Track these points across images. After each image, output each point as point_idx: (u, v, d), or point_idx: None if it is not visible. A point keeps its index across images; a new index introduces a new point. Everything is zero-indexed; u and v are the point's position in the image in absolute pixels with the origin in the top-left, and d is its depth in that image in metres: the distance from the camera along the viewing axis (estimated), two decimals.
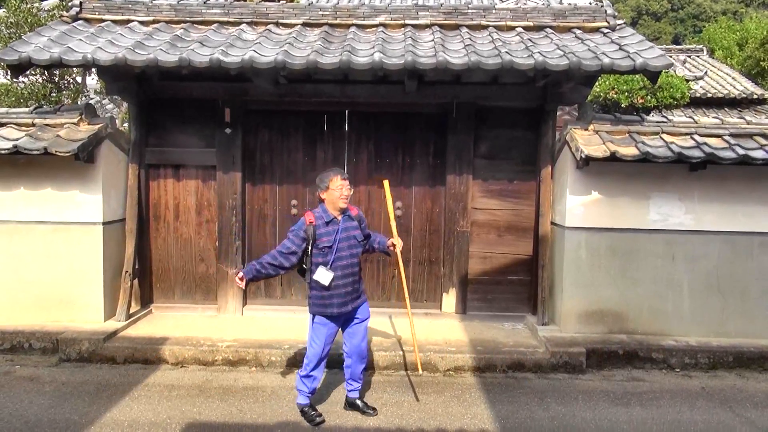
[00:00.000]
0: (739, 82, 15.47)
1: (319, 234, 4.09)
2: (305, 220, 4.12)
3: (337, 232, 4.13)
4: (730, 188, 5.69)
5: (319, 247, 4.09)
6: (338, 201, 4.12)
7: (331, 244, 4.09)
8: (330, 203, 4.15)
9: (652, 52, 5.37)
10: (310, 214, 4.15)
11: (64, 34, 5.70)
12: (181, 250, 6.55)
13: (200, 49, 5.37)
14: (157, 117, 6.42)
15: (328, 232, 4.11)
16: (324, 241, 4.08)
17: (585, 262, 5.77)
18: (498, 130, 6.38)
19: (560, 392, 4.86)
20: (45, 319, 5.78)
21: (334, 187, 4.10)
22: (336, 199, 4.12)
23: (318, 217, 4.13)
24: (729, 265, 5.74)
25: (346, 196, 4.15)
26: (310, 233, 4.07)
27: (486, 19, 6.19)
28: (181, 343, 5.48)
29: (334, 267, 4.10)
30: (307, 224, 4.09)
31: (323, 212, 4.16)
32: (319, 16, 6.24)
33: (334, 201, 4.13)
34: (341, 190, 4.11)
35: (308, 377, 4.25)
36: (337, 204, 4.13)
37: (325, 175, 4.17)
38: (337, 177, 4.12)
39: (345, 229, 4.18)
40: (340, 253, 4.12)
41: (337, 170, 4.19)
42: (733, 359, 5.45)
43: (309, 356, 4.26)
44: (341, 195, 4.12)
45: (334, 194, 4.11)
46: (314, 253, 4.11)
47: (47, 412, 4.30)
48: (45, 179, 5.76)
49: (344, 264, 4.15)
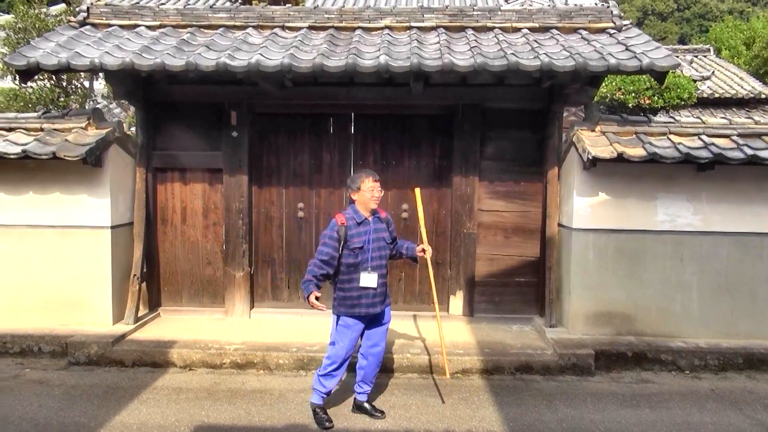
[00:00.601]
0: (746, 81, 15.39)
1: (351, 235, 4.12)
2: (336, 221, 4.15)
3: (368, 233, 4.19)
4: (739, 189, 5.66)
5: (351, 248, 4.12)
6: (370, 202, 4.18)
7: (362, 245, 4.14)
8: (361, 204, 4.21)
9: (658, 53, 5.34)
10: (340, 215, 4.19)
11: (71, 39, 5.73)
12: (188, 253, 6.57)
13: (207, 53, 5.40)
14: (164, 121, 6.45)
15: (359, 233, 4.15)
16: (356, 241, 4.12)
17: (592, 263, 5.75)
18: (504, 131, 6.37)
19: (568, 394, 4.84)
20: (54, 322, 5.81)
21: (365, 188, 4.16)
22: (367, 200, 4.18)
23: (349, 218, 4.17)
24: (738, 265, 5.70)
25: (377, 197, 4.21)
26: (342, 234, 4.11)
27: (491, 21, 6.18)
28: (189, 346, 5.49)
29: (365, 268, 4.16)
30: (339, 225, 4.12)
31: (354, 213, 4.20)
32: (324, 19, 6.25)
33: (365, 202, 4.19)
34: (372, 191, 4.17)
35: (328, 376, 4.25)
36: (369, 205, 4.19)
37: (357, 176, 4.25)
38: (369, 178, 4.18)
39: (375, 230, 4.24)
40: (372, 254, 4.18)
41: (368, 172, 4.25)
42: (743, 361, 5.42)
43: (330, 356, 4.25)
44: (372, 196, 4.18)
45: (366, 195, 4.17)
46: (345, 254, 4.14)
47: (56, 415, 4.32)
48: (53, 183, 5.80)
49: (374, 265, 4.19)
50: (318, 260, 4.12)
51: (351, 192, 4.23)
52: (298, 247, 6.58)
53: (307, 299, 4.07)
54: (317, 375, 4.30)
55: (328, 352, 4.28)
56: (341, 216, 4.19)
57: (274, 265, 6.61)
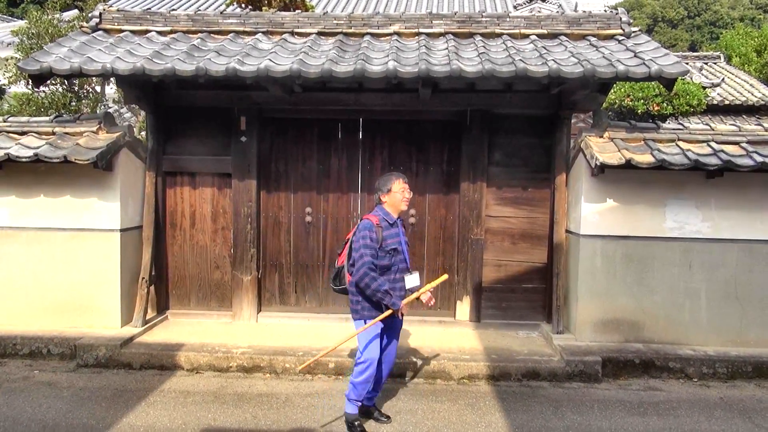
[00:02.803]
0: (757, 88, 15.30)
1: (385, 236, 4.07)
2: (371, 221, 4.07)
3: (400, 234, 4.20)
4: (748, 195, 5.63)
5: (386, 250, 4.05)
6: (401, 203, 4.17)
7: (397, 246, 4.11)
8: (392, 206, 4.18)
9: (667, 59, 5.34)
10: (373, 216, 4.13)
11: (84, 44, 5.81)
12: (196, 257, 6.61)
13: (217, 59, 5.45)
14: (173, 125, 6.50)
15: (391, 234, 4.12)
16: (390, 243, 4.07)
17: (600, 270, 5.73)
18: (512, 137, 6.37)
19: (575, 401, 4.82)
20: (63, 324, 5.86)
21: (397, 189, 4.14)
22: (399, 201, 4.16)
23: (381, 219, 4.12)
24: (747, 273, 5.66)
25: (407, 199, 4.21)
26: (379, 235, 4.04)
27: (500, 27, 6.20)
28: (196, 349, 5.52)
29: (398, 269, 4.14)
30: (375, 225, 4.05)
31: (385, 214, 4.16)
32: (333, 25, 6.30)
33: (396, 203, 4.17)
34: (403, 192, 4.16)
35: (364, 383, 4.10)
36: (400, 206, 4.18)
37: (387, 178, 4.21)
38: (400, 180, 4.17)
39: (403, 232, 4.28)
40: (404, 255, 4.20)
41: (398, 174, 4.23)
42: (753, 369, 5.37)
43: (366, 359, 4.08)
44: (403, 198, 4.16)
45: (397, 197, 4.15)
46: (380, 256, 4.04)
47: (65, 417, 4.35)
48: (64, 187, 5.86)
49: (402, 267, 4.19)
50: (367, 269, 3.95)
51: (381, 194, 4.18)
52: (305, 252, 6.60)
53: (399, 312, 4.05)
54: (351, 383, 4.11)
55: (360, 357, 4.10)
56: (374, 217, 4.11)
57: (281, 269, 6.64)
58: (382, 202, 4.20)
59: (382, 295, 3.95)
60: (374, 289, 3.94)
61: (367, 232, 4.02)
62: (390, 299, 3.96)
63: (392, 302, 3.98)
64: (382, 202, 4.20)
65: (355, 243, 4.05)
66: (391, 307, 3.99)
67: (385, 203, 4.18)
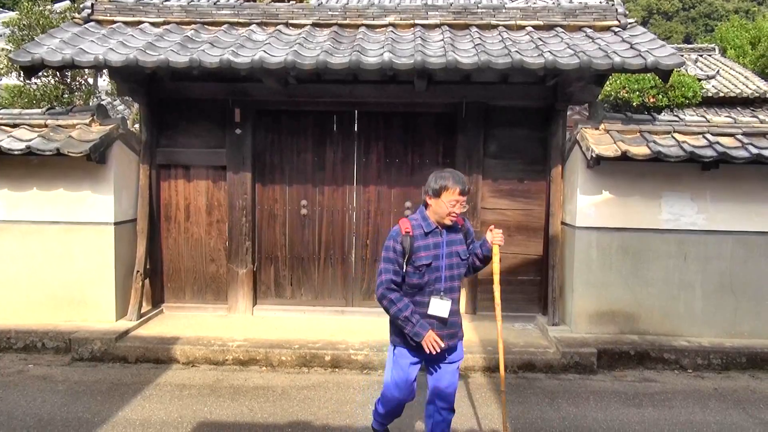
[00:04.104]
0: (751, 81, 15.32)
1: (417, 247, 3.22)
2: (400, 228, 3.26)
3: (440, 246, 3.28)
4: (743, 187, 5.64)
5: (416, 265, 3.21)
6: (445, 218, 3.25)
7: (430, 262, 3.23)
8: (434, 213, 3.29)
9: (663, 51, 5.33)
10: (405, 221, 3.30)
11: (75, 35, 5.75)
12: (191, 250, 6.58)
13: (210, 50, 5.40)
14: (167, 118, 6.46)
15: (426, 245, 3.25)
16: (422, 256, 3.22)
17: (596, 262, 5.74)
18: (508, 129, 6.36)
19: (571, 393, 4.84)
20: (58, 318, 5.83)
21: (446, 199, 3.21)
22: (443, 213, 3.24)
23: (416, 226, 3.27)
24: (742, 265, 5.68)
25: (456, 215, 3.27)
26: (407, 245, 3.20)
27: (496, 19, 6.17)
28: (192, 342, 5.50)
29: (432, 291, 3.26)
30: (402, 234, 3.23)
31: (422, 219, 3.30)
32: (328, 17, 6.25)
33: (440, 213, 3.26)
34: (454, 205, 3.22)
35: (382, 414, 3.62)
36: (443, 219, 3.26)
37: (442, 178, 3.25)
38: (456, 189, 3.20)
39: (449, 243, 3.31)
40: (444, 273, 3.27)
41: (457, 178, 3.24)
42: (747, 360, 5.40)
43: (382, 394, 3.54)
44: (451, 212, 3.23)
45: (443, 207, 3.23)
46: (408, 271, 3.23)
47: (60, 411, 4.33)
48: (57, 180, 5.81)
49: (447, 288, 3.28)
50: (384, 289, 3.21)
51: (427, 194, 3.29)
52: (301, 245, 6.59)
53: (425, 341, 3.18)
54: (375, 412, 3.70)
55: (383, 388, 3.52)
56: (406, 222, 3.28)
57: (277, 262, 6.62)
58: (426, 204, 3.34)
59: (403, 323, 3.21)
60: (393, 314, 3.23)
61: (391, 242, 3.25)
62: (411, 328, 3.18)
63: (414, 332, 3.20)
64: (426, 204, 3.34)
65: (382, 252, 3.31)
66: (414, 338, 3.22)
67: (430, 207, 3.31)
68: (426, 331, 3.18)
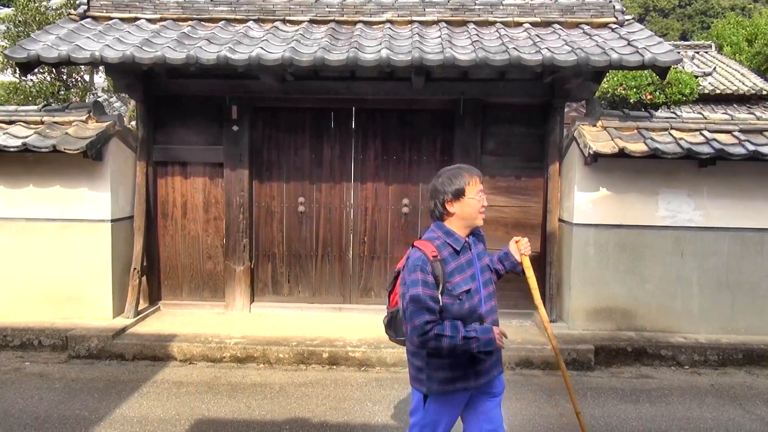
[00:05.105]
0: (748, 78, 15.33)
1: (450, 271, 2.52)
2: (425, 252, 2.50)
3: (473, 264, 2.64)
4: (740, 184, 5.65)
5: (454, 294, 2.51)
6: (478, 217, 2.62)
7: (469, 287, 2.55)
8: (461, 219, 2.60)
9: (660, 48, 5.33)
10: (426, 243, 2.55)
11: (72, 32, 5.72)
12: (189, 248, 6.57)
13: (207, 47, 5.38)
14: (164, 114, 6.43)
15: (460, 267, 2.57)
16: (458, 282, 2.53)
17: (593, 258, 5.75)
18: (505, 126, 6.35)
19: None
20: (54, 316, 5.81)
21: (472, 193, 2.57)
22: (475, 213, 2.60)
23: (441, 246, 2.55)
24: (739, 261, 5.70)
25: (484, 209, 2.67)
26: (440, 273, 2.49)
27: (493, 15, 6.17)
28: (189, 340, 5.50)
29: (477, 318, 2.58)
30: (430, 258, 2.49)
31: (446, 235, 2.59)
32: (325, 13, 6.24)
33: (469, 217, 2.60)
34: (481, 198, 2.61)
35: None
36: (474, 221, 2.63)
37: (456, 175, 2.58)
38: (476, 178, 2.60)
39: (479, 256, 2.71)
40: (483, 293, 2.64)
41: (471, 169, 2.65)
42: (743, 356, 5.42)
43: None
44: (481, 207, 2.62)
45: (473, 205, 2.58)
46: (445, 304, 2.49)
47: (57, 408, 4.33)
48: (54, 177, 5.79)
49: (486, 310, 2.63)
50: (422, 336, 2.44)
51: (446, 200, 2.57)
52: (298, 242, 6.58)
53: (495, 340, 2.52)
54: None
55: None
56: (428, 245, 2.53)
57: (274, 259, 6.61)
58: (445, 215, 2.61)
59: (466, 344, 2.46)
60: (449, 348, 2.45)
61: (419, 274, 2.46)
62: (478, 342, 2.48)
63: (485, 341, 2.49)
64: (446, 214, 2.60)
65: (402, 286, 2.58)
66: (488, 348, 2.52)
67: (453, 216, 2.59)
68: (491, 331, 2.53)
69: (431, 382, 2.57)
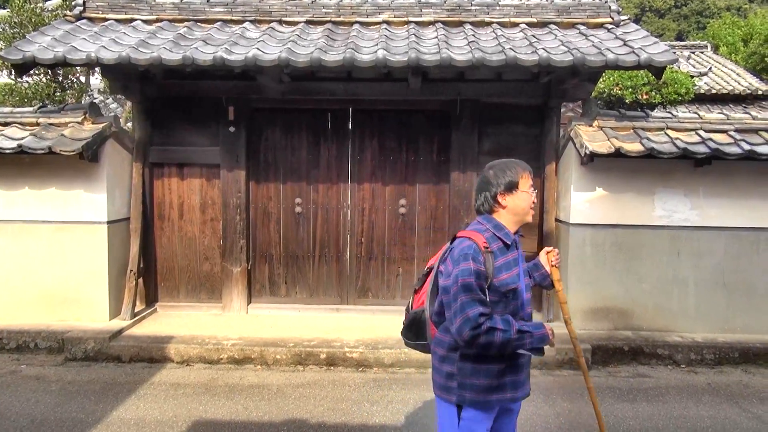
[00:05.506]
0: (743, 77, 15.40)
1: (498, 266, 2.33)
2: (476, 242, 2.31)
3: (518, 263, 2.45)
4: (736, 184, 5.67)
5: (501, 291, 2.32)
6: (529, 212, 2.46)
7: (516, 285, 2.38)
8: (513, 214, 2.42)
9: (656, 48, 5.35)
10: (475, 234, 2.35)
11: (67, 33, 5.71)
12: (185, 249, 6.56)
13: (204, 48, 5.38)
14: (161, 116, 6.42)
15: (507, 263, 2.38)
16: (505, 279, 2.34)
17: (590, 258, 5.76)
18: (502, 126, 6.36)
19: (566, 388, 4.85)
20: (50, 318, 5.79)
21: (525, 187, 2.42)
22: (527, 207, 2.44)
23: (490, 239, 2.36)
24: (735, 260, 5.71)
25: (534, 204, 2.51)
26: (489, 266, 2.30)
27: (489, 16, 6.19)
28: (186, 341, 5.48)
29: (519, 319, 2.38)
30: (482, 248, 2.30)
31: (496, 229, 2.41)
32: (322, 14, 6.24)
33: (521, 211, 2.43)
34: (533, 193, 2.47)
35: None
36: (525, 217, 2.46)
37: (508, 167, 2.44)
38: (527, 172, 2.45)
39: (522, 258, 2.52)
40: (524, 298, 2.44)
41: (522, 162, 2.48)
42: (739, 355, 5.43)
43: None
44: (532, 201, 2.46)
45: (525, 199, 2.42)
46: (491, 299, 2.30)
47: (54, 411, 4.31)
48: (49, 178, 5.77)
49: (527, 314, 2.48)
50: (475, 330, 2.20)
51: (499, 195, 2.40)
52: (295, 243, 6.57)
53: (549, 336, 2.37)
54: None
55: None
56: (478, 235, 2.35)
57: (271, 260, 6.61)
58: (495, 207, 2.43)
59: (518, 341, 2.28)
60: (501, 344, 2.25)
61: (471, 264, 2.26)
62: (530, 338, 2.30)
63: (540, 336, 2.33)
64: (496, 206, 2.42)
65: (444, 278, 2.36)
66: (540, 344, 2.35)
67: (504, 209, 2.42)
68: (544, 327, 2.37)
69: (463, 390, 2.34)
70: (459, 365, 2.36)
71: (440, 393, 2.44)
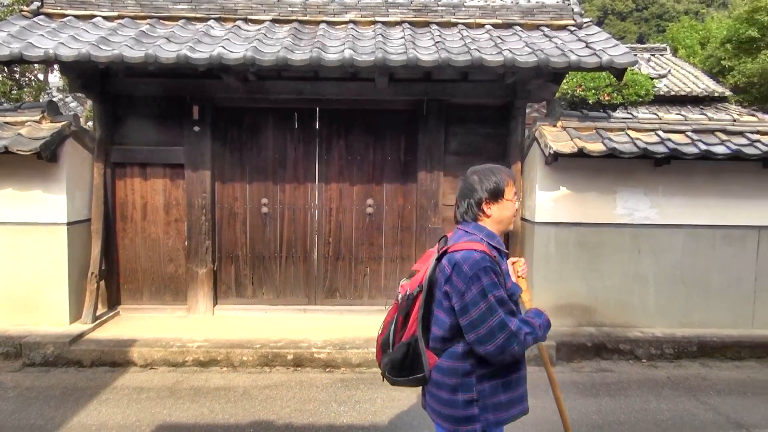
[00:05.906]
0: (701, 80, 15.86)
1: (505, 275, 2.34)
2: (488, 254, 2.20)
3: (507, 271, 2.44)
4: (694, 183, 5.84)
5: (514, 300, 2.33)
6: (512, 221, 2.42)
7: (513, 291, 2.35)
8: (497, 223, 2.35)
9: (617, 50, 5.47)
10: (478, 244, 2.23)
11: (24, 29, 5.54)
12: (149, 251, 6.43)
13: (167, 45, 5.28)
14: (123, 115, 6.29)
15: (506, 270, 2.39)
16: (510, 286, 2.33)
17: (554, 256, 5.86)
18: (468, 126, 6.42)
19: (531, 385, 4.82)
20: (7, 322, 5.61)
21: (510, 195, 2.36)
22: (511, 216, 2.38)
23: (489, 247, 2.26)
24: (693, 257, 5.89)
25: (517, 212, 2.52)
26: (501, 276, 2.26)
27: (455, 17, 6.24)
28: (149, 344, 5.38)
29: None
30: (492, 256, 2.22)
31: (489, 238, 2.31)
32: (288, 13, 6.20)
33: (506, 220, 2.37)
34: (516, 201, 2.40)
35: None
36: (509, 225, 2.41)
37: (492, 173, 2.35)
38: (512, 179, 2.39)
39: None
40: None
41: (506, 168, 2.41)
42: (697, 349, 5.60)
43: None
44: (515, 208, 2.40)
45: (509, 209, 2.36)
46: None
47: (10, 418, 4.18)
48: (6, 179, 5.59)
49: None
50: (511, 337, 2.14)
51: (484, 203, 2.32)
52: (262, 243, 6.51)
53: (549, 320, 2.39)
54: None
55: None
56: (479, 245, 2.22)
57: (238, 261, 6.53)
58: (480, 216, 2.35)
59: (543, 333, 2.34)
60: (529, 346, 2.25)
61: (492, 276, 2.16)
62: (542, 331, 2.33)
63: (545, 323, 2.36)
64: (481, 215, 2.34)
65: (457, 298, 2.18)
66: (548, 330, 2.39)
67: (488, 218, 2.34)
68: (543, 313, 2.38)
69: (486, 413, 2.22)
70: (478, 389, 2.23)
71: (460, 426, 2.24)
